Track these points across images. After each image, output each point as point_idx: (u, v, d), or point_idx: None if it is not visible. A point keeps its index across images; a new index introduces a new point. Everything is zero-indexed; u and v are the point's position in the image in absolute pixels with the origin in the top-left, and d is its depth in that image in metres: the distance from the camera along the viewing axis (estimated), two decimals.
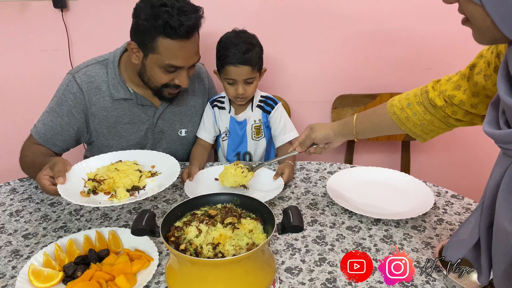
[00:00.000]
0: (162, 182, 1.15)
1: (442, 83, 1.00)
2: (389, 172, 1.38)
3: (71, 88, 1.38)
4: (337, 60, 1.83)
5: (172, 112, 1.51)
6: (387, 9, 1.73)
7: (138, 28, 1.27)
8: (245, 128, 1.56)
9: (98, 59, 1.43)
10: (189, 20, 1.23)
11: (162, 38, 1.24)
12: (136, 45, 1.30)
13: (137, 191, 1.14)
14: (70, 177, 1.12)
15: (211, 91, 1.64)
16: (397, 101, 1.09)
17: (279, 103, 1.57)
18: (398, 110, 1.08)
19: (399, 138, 1.90)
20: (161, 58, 1.27)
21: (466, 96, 0.93)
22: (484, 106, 0.91)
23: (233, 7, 1.75)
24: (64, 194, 1.04)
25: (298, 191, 1.33)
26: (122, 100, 1.42)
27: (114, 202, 1.05)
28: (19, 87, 1.95)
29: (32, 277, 0.91)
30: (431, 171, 2.03)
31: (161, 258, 1.01)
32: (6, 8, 1.80)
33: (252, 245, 0.83)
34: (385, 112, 1.11)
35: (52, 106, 1.40)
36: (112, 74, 1.39)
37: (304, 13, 1.75)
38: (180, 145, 1.58)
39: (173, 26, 1.21)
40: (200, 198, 0.95)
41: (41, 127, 1.39)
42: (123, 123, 1.44)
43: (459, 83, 0.94)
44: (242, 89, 1.44)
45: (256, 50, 1.43)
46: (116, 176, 1.14)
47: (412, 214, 1.14)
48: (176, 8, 1.22)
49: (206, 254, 0.80)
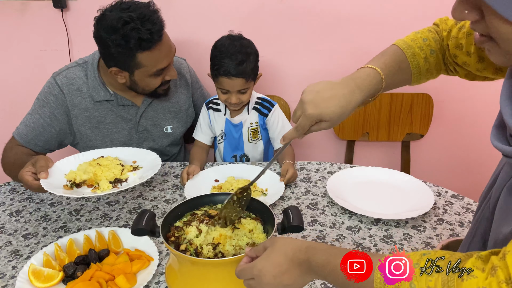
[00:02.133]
0: (144, 174, 1.18)
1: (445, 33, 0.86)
2: (389, 172, 1.38)
3: (53, 90, 1.40)
4: (337, 60, 1.83)
5: (155, 110, 1.52)
6: (387, 9, 1.73)
7: (112, 55, 1.28)
8: (241, 130, 1.55)
9: (78, 61, 1.45)
10: (155, 23, 1.24)
11: (140, 53, 1.26)
12: (118, 69, 1.31)
13: (119, 183, 1.16)
14: (52, 173, 1.14)
15: (194, 85, 1.64)
16: (417, 49, 0.89)
17: (276, 105, 1.54)
18: (422, 60, 0.89)
19: (399, 138, 1.90)
20: (148, 69, 1.30)
21: (472, 59, 0.81)
22: (491, 70, 0.81)
23: (232, 7, 1.75)
24: (48, 188, 1.05)
25: (298, 191, 1.32)
26: (103, 101, 1.43)
27: (97, 193, 1.08)
28: (19, 87, 1.95)
29: (32, 277, 0.91)
30: (431, 171, 2.03)
31: (161, 258, 1.01)
32: (6, 8, 1.80)
33: (252, 245, 0.83)
34: (407, 65, 0.90)
35: (35, 108, 1.41)
36: (91, 76, 1.40)
37: (304, 13, 1.75)
38: (168, 142, 1.58)
39: (146, 39, 1.23)
40: (200, 198, 0.96)
41: (23, 129, 1.41)
42: (105, 123, 1.46)
43: (461, 42, 0.82)
44: (235, 99, 1.42)
45: (251, 59, 1.40)
46: (99, 170, 1.16)
47: (412, 214, 1.14)
48: (137, 20, 1.21)
49: (206, 254, 0.80)
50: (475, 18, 0.56)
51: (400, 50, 0.89)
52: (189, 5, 1.76)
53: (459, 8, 0.57)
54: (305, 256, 0.65)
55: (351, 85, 0.82)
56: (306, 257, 0.65)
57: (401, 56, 0.89)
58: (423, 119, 1.85)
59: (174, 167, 1.48)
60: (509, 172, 0.69)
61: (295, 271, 0.66)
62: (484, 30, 0.56)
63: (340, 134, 1.91)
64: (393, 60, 0.89)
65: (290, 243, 0.68)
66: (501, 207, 0.69)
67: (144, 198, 1.30)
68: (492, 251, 0.53)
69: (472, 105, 1.87)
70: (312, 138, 1.97)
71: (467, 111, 1.90)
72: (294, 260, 0.66)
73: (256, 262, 0.70)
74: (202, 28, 1.44)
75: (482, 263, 0.52)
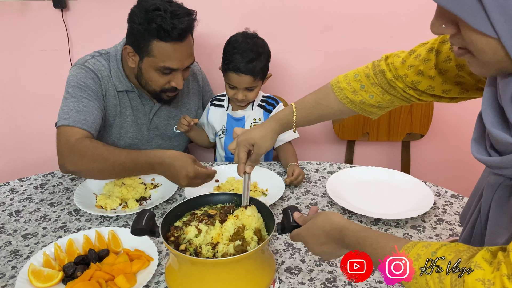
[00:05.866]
0: (165, 191, 1.32)
1: (397, 66, 0.91)
2: (389, 172, 1.38)
3: (88, 75, 1.37)
4: (337, 60, 1.83)
5: (168, 109, 1.54)
6: (387, 9, 1.73)
7: (133, 32, 1.30)
8: (243, 125, 1.56)
9: (100, 51, 1.45)
10: (182, 23, 1.26)
11: (157, 41, 1.27)
12: (132, 49, 1.33)
13: (144, 201, 1.28)
14: (83, 193, 1.29)
15: (205, 89, 1.67)
16: (345, 83, 0.98)
17: (280, 103, 1.58)
18: (350, 93, 0.98)
19: (399, 138, 1.90)
20: (156, 60, 1.30)
21: (436, 82, 0.86)
22: (457, 91, 0.86)
23: (232, 7, 1.75)
24: (82, 207, 1.20)
25: (298, 191, 1.32)
26: (124, 92, 1.44)
27: (127, 211, 1.20)
28: (19, 87, 1.95)
29: (32, 277, 0.91)
30: (431, 171, 2.03)
31: (161, 258, 1.01)
32: (6, 8, 1.80)
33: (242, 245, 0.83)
34: (332, 99, 1.00)
35: (76, 94, 1.33)
36: (114, 67, 1.41)
37: (304, 13, 1.75)
38: (176, 142, 1.60)
39: (166, 29, 1.25)
40: (200, 198, 0.96)
41: (77, 115, 1.29)
42: (125, 114, 1.47)
43: (421, 69, 0.87)
44: (241, 96, 1.45)
45: (262, 59, 1.42)
46: (125, 190, 1.29)
47: (412, 214, 1.14)
48: (169, 12, 1.25)
49: (205, 254, 0.80)
50: (452, 31, 0.59)
51: (328, 87, 1.02)
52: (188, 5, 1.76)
53: (437, 23, 0.59)
54: (339, 235, 0.74)
55: (270, 118, 1.06)
56: (340, 236, 0.74)
57: (324, 93, 1.03)
58: (423, 119, 1.85)
59: None
60: (494, 184, 0.70)
61: (332, 244, 0.77)
62: (462, 43, 0.59)
63: (340, 134, 1.91)
64: (314, 96, 1.05)
65: (328, 220, 0.77)
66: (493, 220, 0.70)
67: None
68: (502, 247, 0.56)
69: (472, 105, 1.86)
70: (312, 138, 1.97)
71: (467, 111, 1.89)
72: (330, 236, 0.76)
73: (301, 230, 0.82)
74: (201, 28, 1.44)
75: (491, 257, 0.55)
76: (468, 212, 0.82)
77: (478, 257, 0.55)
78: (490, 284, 0.52)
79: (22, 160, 2.08)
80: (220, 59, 1.54)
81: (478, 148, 0.68)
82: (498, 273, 0.52)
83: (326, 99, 1.02)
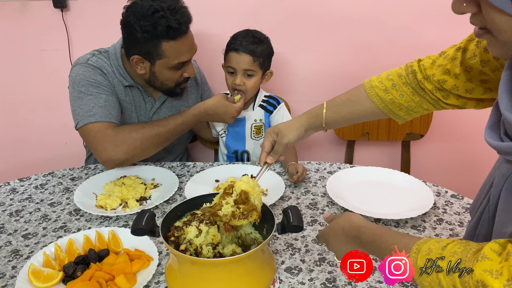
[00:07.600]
0: (165, 191, 1.31)
1: (427, 67, 0.92)
2: (389, 172, 1.38)
3: (95, 72, 1.37)
4: (337, 60, 1.83)
5: (167, 108, 1.54)
6: (387, 9, 1.73)
7: (138, 41, 1.30)
8: (244, 126, 1.56)
9: (99, 50, 1.46)
10: (183, 16, 1.29)
11: (165, 42, 1.29)
12: (140, 57, 1.33)
13: (144, 201, 1.28)
14: (83, 193, 1.28)
15: (203, 87, 1.69)
16: (377, 82, 0.99)
17: (282, 103, 1.58)
18: (382, 92, 0.98)
19: (399, 138, 1.90)
20: (169, 60, 1.32)
21: (460, 81, 0.87)
22: (480, 90, 0.86)
23: (232, 6, 1.75)
24: (82, 207, 1.19)
25: (298, 191, 1.32)
26: (128, 88, 1.45)
27: (127, 211, 1.20)
28: (19, 87, 1.95)
29: (32, 277, 0.91)
30: (431, 171, 2.03)
31: (161, 258, 1.01)
32: (6, 8, 1.80)
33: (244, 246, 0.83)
34: (363, 97, 1.01)
35: (92, 92, 1.33)
36: (115, 64, 1.42)
37: (304, 13, 1.75)
38: (176, 141, 1.58)
39: (174, 27, 1.26)
40: (200, 198, 0.95)
41: (102, 111, 1.30)
42: (130, 110, 1.48)
43: (448, 67, 0.88)
44: (239, 80, 1.45)
45: (264, 47, 1.45)
46: (125, 190, 1.28)
47: (412, 214, 1.14)
48: (167, 10, 1.26)
49: (206, 254, 0.80)
50: (473, 10, 0.59)
51: (361, 85, 1.04)
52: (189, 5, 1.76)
53: (458, 2, 0.60)
54: (356, 233, 0.78)
55: (301, 114, 1.08)
56: (357, 234, 0.78)
57: (355, 91, 1.04)
58: (423, 119, 1.85)
59: (174, 167, 1.48)
60: (505, 173, 0.69)
61: (350, 244, 0.80)
62: (482, 23, 0.59)
63: (340, 134, 1.91)
64: (346, 93, 1.06)
65: (348, 220, 0.82)
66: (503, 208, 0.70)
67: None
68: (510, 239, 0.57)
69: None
70: (312, 138, 1.95)
71: (467, 111, 1.89)
72: (348, 235, 0.80)
73: (325, 230, 0.87)
74: (202, 28, 1.45)
75: (500, 248, 0.57)
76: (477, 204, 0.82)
77: (486, 249, 0.56)
78: (498, 274, 0.53)
79: (22, 160, 2.08)
80: (220, 59, 1.54)
81: (492, 134, 0.69)
82: (506, 263, 0.53)
83: (357, 96, 1.03)
